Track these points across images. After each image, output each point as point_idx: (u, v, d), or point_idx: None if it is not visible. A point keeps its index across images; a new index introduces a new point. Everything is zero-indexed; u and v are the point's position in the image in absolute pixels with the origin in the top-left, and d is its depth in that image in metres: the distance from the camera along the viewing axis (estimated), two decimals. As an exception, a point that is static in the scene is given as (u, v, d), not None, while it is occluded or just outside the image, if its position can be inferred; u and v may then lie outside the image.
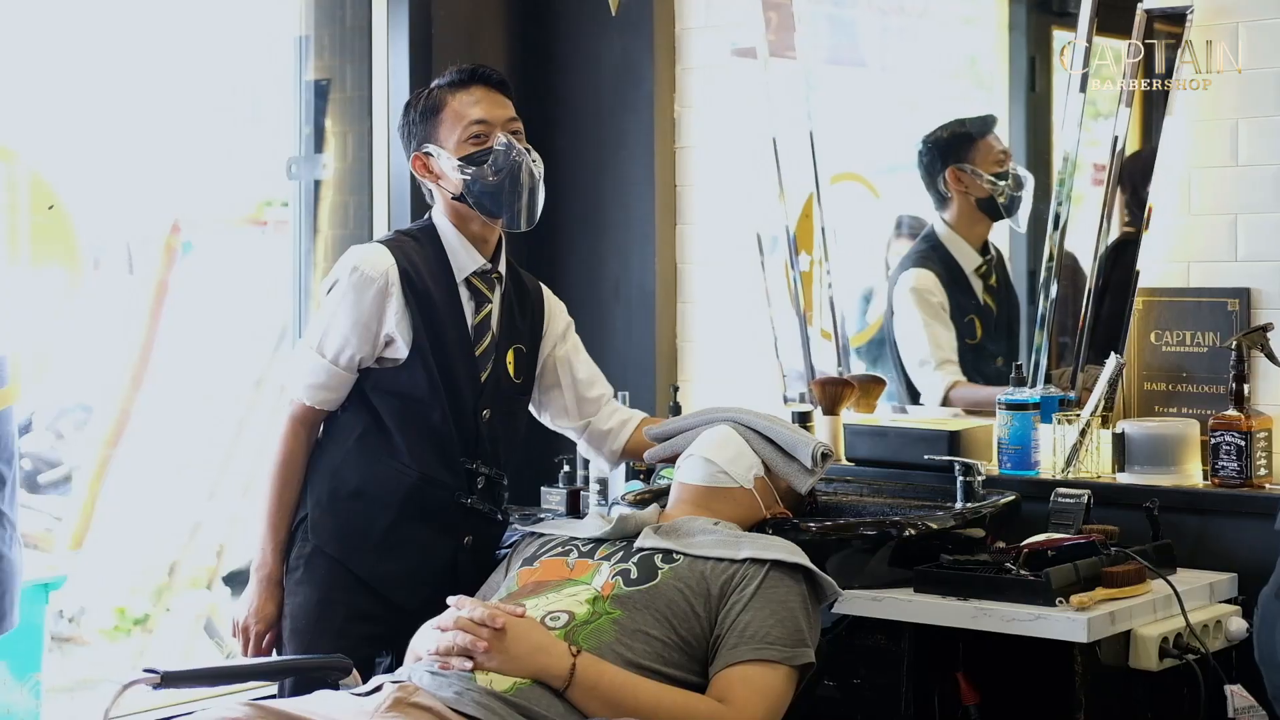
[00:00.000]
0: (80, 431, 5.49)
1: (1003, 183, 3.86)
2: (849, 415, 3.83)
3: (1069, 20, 3.71)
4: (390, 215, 4.18)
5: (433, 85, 3.16)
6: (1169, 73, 3.45)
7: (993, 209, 3.89)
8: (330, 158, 4.31)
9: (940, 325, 3.95)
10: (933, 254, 3.98)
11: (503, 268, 3.19)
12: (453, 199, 3.12)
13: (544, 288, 3.33)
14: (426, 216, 3.20)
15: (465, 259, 3.13)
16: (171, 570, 5.58)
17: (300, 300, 4.34)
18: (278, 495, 3.11)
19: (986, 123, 3.96)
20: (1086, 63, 3.56)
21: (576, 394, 3.31)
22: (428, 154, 3.12)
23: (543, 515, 3.74)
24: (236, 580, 6.12)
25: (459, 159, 3.08)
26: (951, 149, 3.93)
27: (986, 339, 3.94)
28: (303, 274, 4.33)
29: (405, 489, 3.06)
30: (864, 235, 4.15)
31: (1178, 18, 3.43)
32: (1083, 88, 3.57)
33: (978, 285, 3.93)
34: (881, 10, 4.17)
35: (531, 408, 3.33)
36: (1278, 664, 2.61)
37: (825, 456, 3.14)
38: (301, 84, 4.30)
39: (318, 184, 4.34)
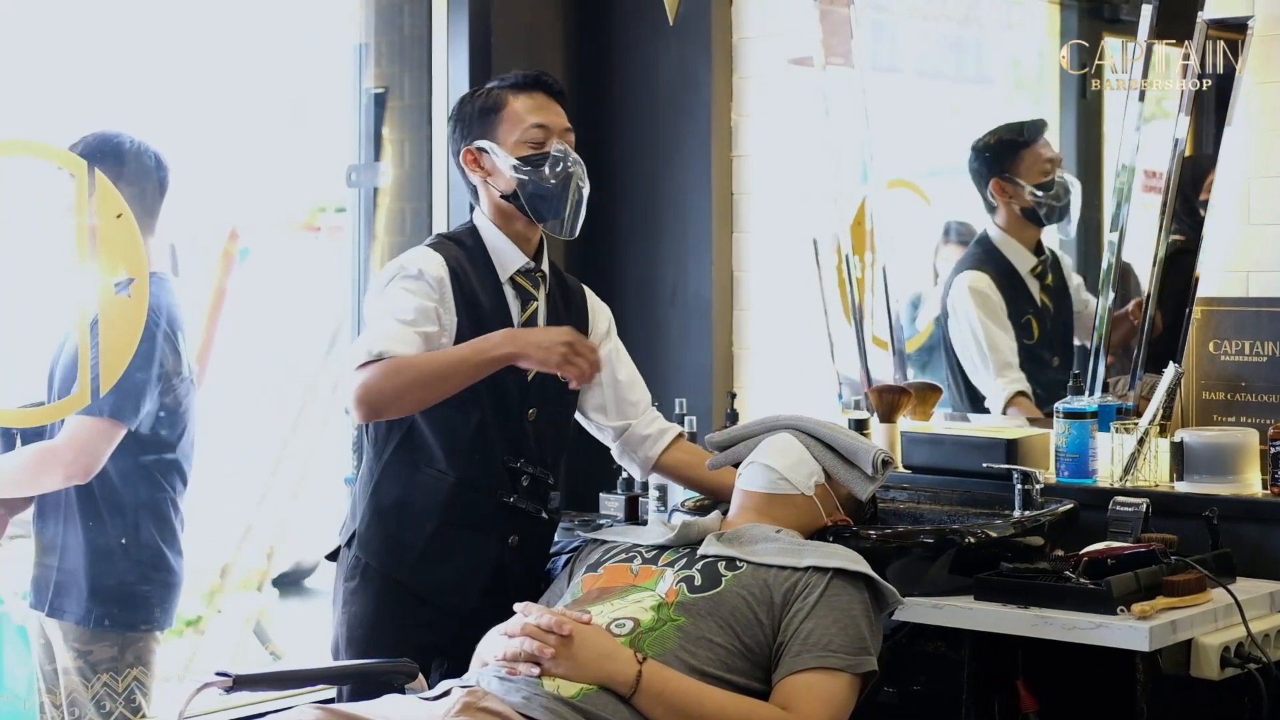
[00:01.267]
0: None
1: (1045, 194, 3.88)
2: (905, 423, 3.84)
3: (1120, 26, 3.72)
4: (449, 222, 4.22)
5: (491, 84, 3.15)
6: (1228, 82, 3.45)
7: (1035, 218, 3.92)
8: (388, 165, 4.35)
9: (997, 327, 3.96)
10: (986, 257, 4.00)
11: (546, 266, 3.17)
12: (501, 197, 3.10)
13: (586, 289, 3.30)
14: (468, 220, 3.19)
15: (509, 257, 3.11)
16: (223, 572, 5.63)
17: (357, 306, 4.37)
18: (437, 357, 2.94)
19: (1035, 128, 3.97)
20: (1145, 71, 3.56)
21: (617, 394, 3.27)
22: (481, 149, 3.10)
23: (602, 521, 3.77)
24: (285, 581, 6.18)
25: (516, 158, 3.08)
26: (998, 158, 3.95)
27: (1043, 340, 3.95)
28: (361, 280, 4.37)
29: (444, 496, 3.05)
30: (915, 241, 4.17)
31: (1238, 27, 3.44)
32: (1141, 96, 3.56)
33: (1034, 286, 3.95)
34: (935, 17, 4.18)
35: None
36: None
37: (886, 464, 3.14)
38: (361, 92, 4.34)
39: (375, 191, 4.37)
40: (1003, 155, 3.95)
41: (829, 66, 4.03)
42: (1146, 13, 3.53)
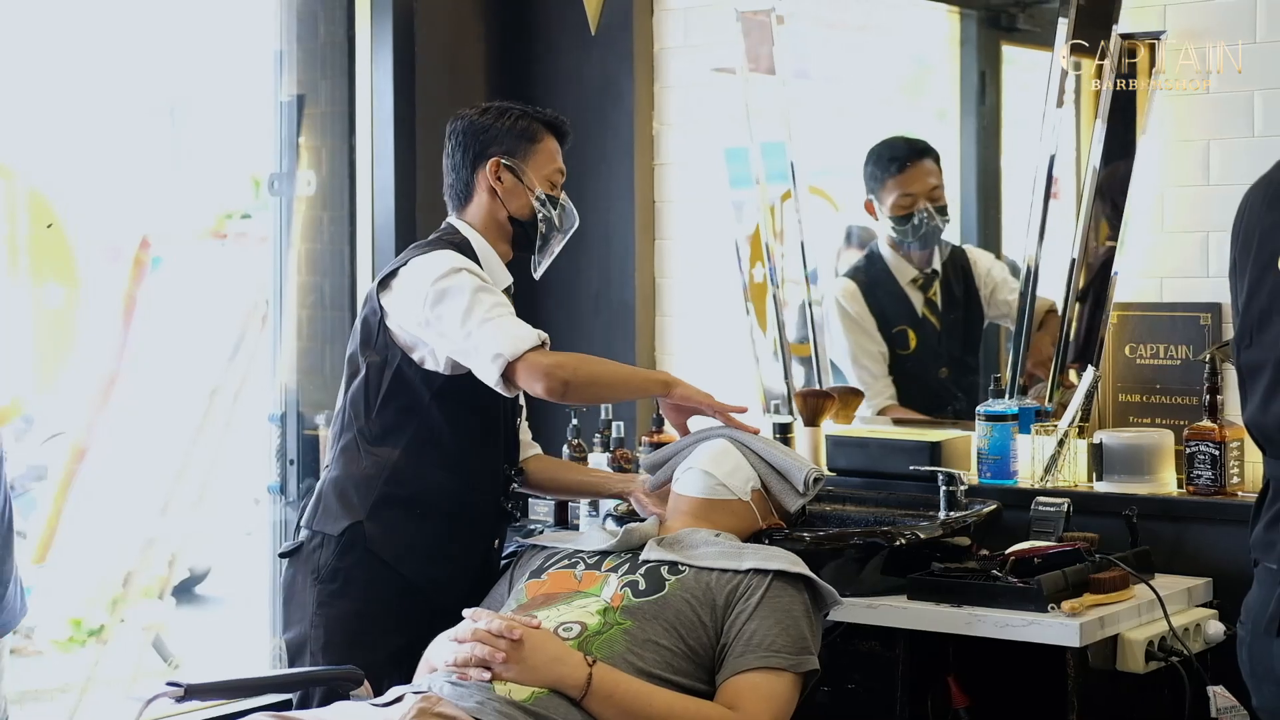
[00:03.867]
0: (19, 442, 5.48)
1: (900, 226, 3.93)
2: (830, 426, 3.90)
3: (1018, 35, 3.81)
4: (374, 230, 4.21)
5: (520, 110, 3.23)
6: (1141, 93, 3.53)
7: (900, 245, 3.99)
8: (309, 173, 4.33)
9: (864, 337, 4.02)
10: (866, 264, 4.07)
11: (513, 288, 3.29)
12: (507, 217, 3.20)
13: None
14: (448, 226, 3.23)
15: (499, 275, 3.21)
16: (126, 581, 5.57)
17: (278, 314, 4.35)
18: (609, 361, 3.26)
19: (913, 151, 3.98)
20: (1061, 81, 3.63)
21: None
22: (510, 167, 3.19)
23: (532, 526, 3.79)
24: (177, 589, 6.11)
25: (542, 192, 3.20)
26: (870, 176, 4.01)
27: (924, 351, 4.01)
28: (281, 287, 4.34)
29: (457, 497, 3.14)
30: (822, 246, 4.21)
31: (1151, 40, 3.53)
32: (1059, 103, 3.63)
33: (916, 297, 4.00)
34: (843, 26, 4.24)
35: None
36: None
37: (817, 481, 3.20)
38: (279, 99, 4.31)
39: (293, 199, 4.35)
40: (874, 175, 4.01)
41: (750, 75, 4.07)
42: (1062, 25, 3.61)
